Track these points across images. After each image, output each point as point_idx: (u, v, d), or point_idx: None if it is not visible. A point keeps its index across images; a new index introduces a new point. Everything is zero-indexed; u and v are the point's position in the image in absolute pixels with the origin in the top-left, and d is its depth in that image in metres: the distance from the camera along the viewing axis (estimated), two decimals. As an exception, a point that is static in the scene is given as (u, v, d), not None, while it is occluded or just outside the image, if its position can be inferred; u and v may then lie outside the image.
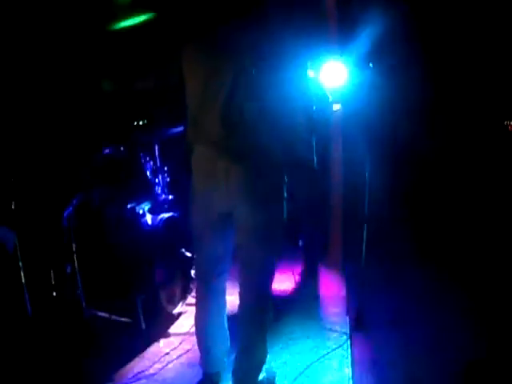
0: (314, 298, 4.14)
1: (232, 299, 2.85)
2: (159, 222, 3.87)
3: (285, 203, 2.60)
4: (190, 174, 2.63)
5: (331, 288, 4.32)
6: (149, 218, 3.88)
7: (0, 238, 3.22)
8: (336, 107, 4.18)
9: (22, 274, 3.20)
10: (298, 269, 4.53)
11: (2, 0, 3.48)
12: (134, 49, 3.98)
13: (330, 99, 3.99)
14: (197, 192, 2.62)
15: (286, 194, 2.60)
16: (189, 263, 3.99)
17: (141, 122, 4.03)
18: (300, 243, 4.72)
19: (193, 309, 2.92)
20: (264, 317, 2.70)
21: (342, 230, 4.57)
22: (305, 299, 4.12)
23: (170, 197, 4.17)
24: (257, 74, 2.39)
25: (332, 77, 3.69)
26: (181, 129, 4.16)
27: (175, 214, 4.00)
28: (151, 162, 4.08)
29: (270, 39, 2.48)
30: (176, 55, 2.60)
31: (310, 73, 3.65)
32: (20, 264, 3.19)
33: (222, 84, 2.40)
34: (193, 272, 3.91)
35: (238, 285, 2.69)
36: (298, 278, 4.42)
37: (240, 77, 2.39)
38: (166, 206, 4.10)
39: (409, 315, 3.81)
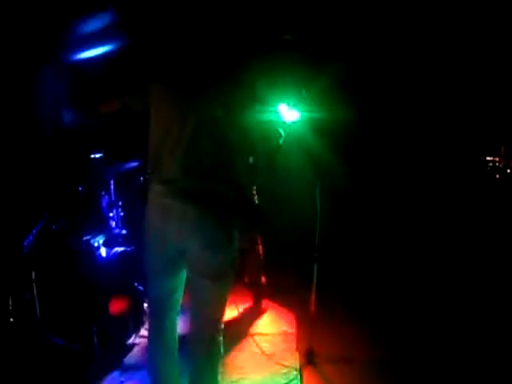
0: (263, 334, 4.17)
1: (183, 333, 2.87)
2: (113, 256, 3.90)
3: (235, 243, 2.61)
4: (144, 210, 2.66)
5: (280, 324, 4.36)
6: (103, 251, 3.90)
7: None
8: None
9: None
10: (246, 305, 4.58)
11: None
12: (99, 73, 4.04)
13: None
14: (151, 228, 2.62)
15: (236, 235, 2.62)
16: (142, 296, 4.02)
17: (97, 155, 4.03)
18: (245, 279, 4.80)
19: (146, 340, 2.97)
20: (215, 350, 2.71)
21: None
22: (254, 335, 4.16)
23: (124, 231, 4.18)
24: (222, 121, 2.44)
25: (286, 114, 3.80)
26: (136, 164, 4.30)
27: (129, 248, 4.01)
28: (106, 197, 4.11)
29: (241, 88, 2.53)
30: (143, 86, 2.61)
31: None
32: None
33: (186, 127, 2.43)
34: (145, 305, 3.94)
35: (189, 319, 2.70)
36: (244, 313, 4.46)
37: (205, 123, 2.43)
38: (119, 239, 4.12)
39: (357, 351, 3.92)
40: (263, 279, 4.66)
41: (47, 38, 3.83)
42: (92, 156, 3.95)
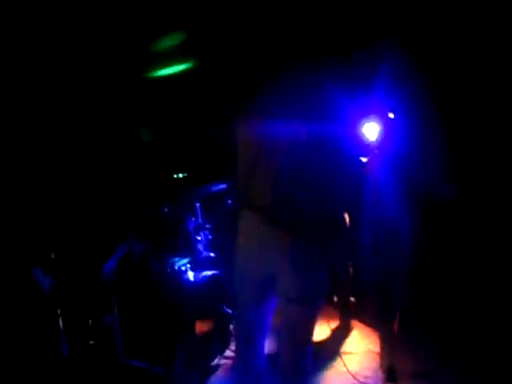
0: (349, 353, 4.22)
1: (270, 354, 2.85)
2: (202, 279, 3.86)
3: (327, 268, 2.58)
4: (234, 235, 2.66)
5: (365, 343, 4.41)
6: (191, 275, 3.86)
7: (36, 279, 3.35)
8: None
9: (60, 319, 3.31)
10: (334, 324, 4.62)
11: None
12: (181, 98, 4.11)
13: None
14: (243, 253, 2.63)
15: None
16: (228, 319, 4.00)
17: (181, 175, 4.10)
18: (335, 299, 4.81)
19: (230, 362, 3.09)
20: (302, 372, 2.69)
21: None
22: (340, 353, 4.20)
23: (212, 254, 4.15)
24: (317, 144, 2.36)
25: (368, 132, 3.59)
26: (223, 186, 4.28)
27: (217, 272, 3.99)
28: (193, 220, 4.10)
29: (334, 107, 2.40)
30: (231, 112, 2.62)
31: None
32: (58, 310, 3.31)
33: (275, 155, 2.40)
34: (231, 327, 3.94)
35: (277, 341, 2.71)
36: (333, 332, 4.50)
37: (294, 150, 2.38)
38: (207, 263, 4.09)
39: (438, 368, 3.92)
40: (352, 299, 4.68)
41: (122, 54, 3.93)
42: (175, 176, 4.02)
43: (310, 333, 2.65)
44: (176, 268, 3.78)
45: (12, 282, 3.36)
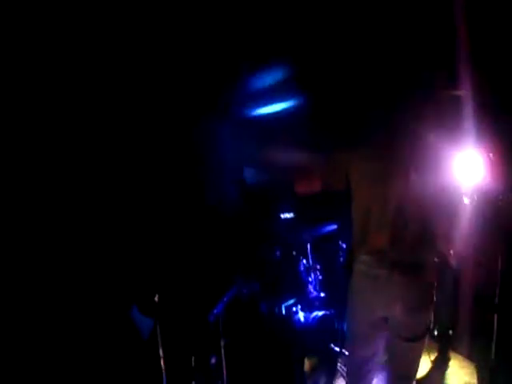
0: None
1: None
2: (313, 320, 3.94)
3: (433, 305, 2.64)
4: (344, 275, 2.90)
5: (462, 375, 4.21)
6: (302, 316, 3.96)
7: (136, 324, 3.44)
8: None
9: (162, 361, 3.34)
10: (433, 355, 4.45)
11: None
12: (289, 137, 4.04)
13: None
14: (357, 295, 2.68)
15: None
16: (336, 356, 3.99)
17: (288, 215, 4.15)
18: (435, 333, 4.63)
19: None
20: None
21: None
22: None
23: (322, 294, 4.22)
24: (420, 190, 2.43)
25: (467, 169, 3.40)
26: (334, 227, 4.28)
27: (327, 312, 4.05)
28: (304, 261, 4.17)
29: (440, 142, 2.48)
30: (343, 162, 2.63)
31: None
32: (160, 352, 3.32)
33: (390, 202, 2.48)
34: (339, 365, 3.95)
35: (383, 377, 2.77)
36: (433, 364, 4.33)
37: (407, 197, 2.45)
38: (317, 303, 4.15)
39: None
40: (450, 332, 4.54)
41: (219, 92, 3.89)
42: (283, 216, 4.07)
43: (417, 368, 2.70)
44: (286, 309, 3.90)
45: (109, 324, 3.50)
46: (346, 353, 3.83)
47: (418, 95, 2.54)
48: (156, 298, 3.39)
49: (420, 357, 2.68)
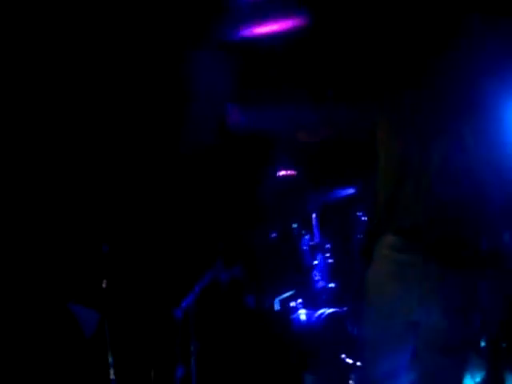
0: None
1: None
2: (317, 320, 3.44)
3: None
4: (364, 261, 2.36)
5: None
6: (303, 314, 3.44)
7: (77, 318, 3.10)
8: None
9: (112, 371, 2.94)
10: (479, 376, 3.97)
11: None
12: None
13: None
14: (377, 290, 2.33)
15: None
16: (348, 372, 3.60)
17: (287, 172, 3.62)
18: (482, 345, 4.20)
19: None
20: None
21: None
22: None
23: (331, 285, 3.66)
24: (473, 153, 2.14)
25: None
26: (351, 191, 3.73)
27: (338, 310, 3.52)
28: (308, 237, 3.55)
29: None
30: (369, 110, 2.33)
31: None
32: (110, 358, 2.95)
33: (431, 162, 2.17)
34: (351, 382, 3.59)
35: None
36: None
37: (454, 155, 2.16)
38: (325, 297, 3.63)
39: None
40: (503, 345, 4.08)
41: (200, 11, 3.54)
42: (280, 174, 3.53)
43: None
44: (281, 304, 3.37)
45: (44, 320, 3.09)
46: (361, 366, 3.32)
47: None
48: (104, 284, 3.02)
49: (461, 377, 2.33)
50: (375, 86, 2.38)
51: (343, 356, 3.57)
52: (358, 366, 3.48)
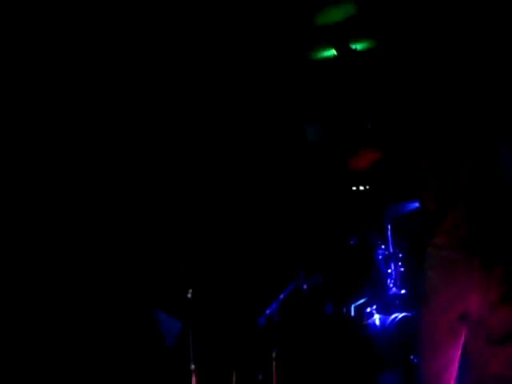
0: None
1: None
2: (390, 324, 3.51)
3: None
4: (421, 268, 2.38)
5: None
6: (377, 319, 3.52)
7: (160, 327, 3.16)
8: None
9: (194, 377, 2.95)
10: None
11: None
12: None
13: None
14: (429, 288, 2.38)
15: None
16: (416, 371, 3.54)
17: (362, 188, 3.68)
18: None
19: None
20: None
21: None
22: None
23: (403, 291, 3.70)
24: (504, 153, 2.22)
25: None
26: (417, 205, 3.55)
27: (409, 314, 3.56)
28: (383, 247, 3.62)
29: None
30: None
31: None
32: (191, 365, 2.94)
33: (467, 165, 2.23)
34: None
35: None
36: None
37: (487, 157, 2.22)
38: (397, 302, 3.66)
39: None
40: None
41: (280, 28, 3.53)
42: (354, 188, 3.61)
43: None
44: (357, 310, 3.48)
45: (128, 327, 3.19)
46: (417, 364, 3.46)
47: None
48: (189, 294, 2.99)
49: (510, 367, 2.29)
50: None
51: (411, 357, 3.54)
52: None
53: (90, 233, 3.29)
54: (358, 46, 3.39)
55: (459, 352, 2.42)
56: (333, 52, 3.39)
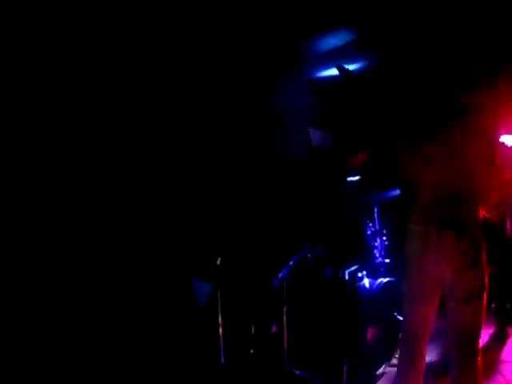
0: (506, 362, 3.95)
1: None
2: (377, 287, 3.82)
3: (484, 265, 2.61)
4: (403, 239, 2.73)
5: None
6: (366, 282, 3.83)
7: (193, 289, 3.40)
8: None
9: (220, 329, 3.27)
10: (491, 331, 4.42)
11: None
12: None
13: None
14: (410, 257, 2.71)
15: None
16: (398, 325, 3.74)
17: (354, 178, 4.03)
18: (493, 306, 4.62)
19: (394, 370, 3.02)
20: (474, 372, 2.69)
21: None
22: (496, 362, 3.94)
23: (387, 260, 4.10)
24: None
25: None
26: (398, 192, 4.00)
27: (392, 279, 3.90)
28: (371, 225, 4.04)
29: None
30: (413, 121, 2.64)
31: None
32: (219, 318, 3.26)
33: (432, 160, 2.53)
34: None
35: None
36: (489, 339, 4.31)
37: (449, 156, 2.50)
38: (382, 269, 4.05)
39: None
40: (508, 305, 4.55)
41: (287, 51, 3.79)
42: (349, 179, 3.93)
43: (478, 332, 2.66)
44: (350, 275, 3.74)
45: (168, 291, 3.43)
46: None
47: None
48: (218, 262, 3.31)
49: (479, 322, 2.63)
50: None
51: (396, 314, 3.84)
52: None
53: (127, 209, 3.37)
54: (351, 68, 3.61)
55: (435, 308, 2.73)
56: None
